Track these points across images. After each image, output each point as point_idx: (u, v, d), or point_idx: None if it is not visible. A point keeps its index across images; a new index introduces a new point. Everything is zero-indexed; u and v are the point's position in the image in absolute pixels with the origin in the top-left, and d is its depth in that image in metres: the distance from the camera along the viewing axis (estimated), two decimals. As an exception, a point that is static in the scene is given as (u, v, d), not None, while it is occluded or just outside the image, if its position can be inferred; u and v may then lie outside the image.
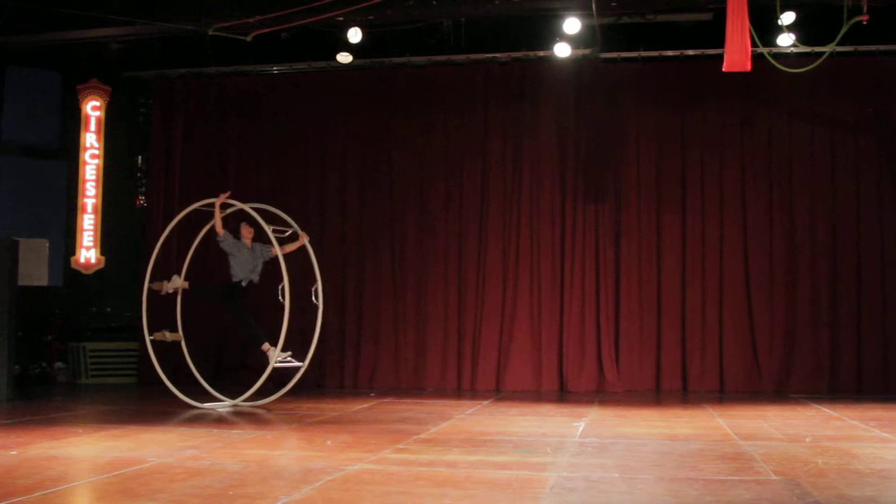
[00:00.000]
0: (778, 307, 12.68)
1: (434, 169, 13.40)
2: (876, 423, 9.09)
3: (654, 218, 12.93)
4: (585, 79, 13.15)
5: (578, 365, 12.75)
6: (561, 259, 12.98)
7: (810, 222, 12.74)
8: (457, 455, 7.04)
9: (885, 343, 12.48)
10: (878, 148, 12.83)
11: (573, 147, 13.10)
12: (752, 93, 12.75)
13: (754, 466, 6.61)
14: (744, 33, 9.38)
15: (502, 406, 10.85)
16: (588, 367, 12.71)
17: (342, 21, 12.01)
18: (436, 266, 13.14)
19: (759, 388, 12.45)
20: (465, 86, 13.42)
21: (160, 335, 11.05)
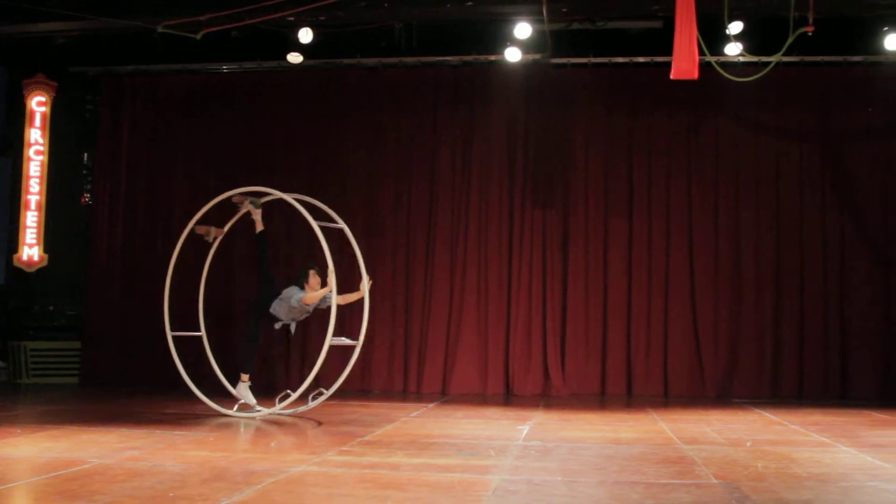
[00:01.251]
0: (722, 313, 12.84)
1: (383, 171, 13.39)
2: (815, 428, 9.23)
3: (602, 223, 13.03)
4: (535, 84, 13.22)
5: (524, 368, 12.81)
6: (508, 262, 13.04)
7: (755, 229, 12.92)
8: (401, 457, 7.03)
9: (825, 349, 12.69)
10: (821, 157, 13.04)
11: (522, 151, 13.16)
12: (700, 100, 12.91)
13: (695, 470, 6.68)
14: (691, 42, 9.47)
15: (448, 409, 10.86)
16: (534, 370, 12.78)
17: (293, 21, 11.96)
18: (383, 268, 13.11)
19: (702, 392, 12.59)
20: (416, 88, 13.43)
21: (204, 229, 10.36)
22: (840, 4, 11.59)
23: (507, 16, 12.19)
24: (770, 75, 11.21)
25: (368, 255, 13.13)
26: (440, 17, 12.42)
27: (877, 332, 12.67)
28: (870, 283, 12.77)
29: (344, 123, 13.47)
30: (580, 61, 13.15)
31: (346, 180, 13.41)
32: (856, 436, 8.68)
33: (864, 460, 7.21)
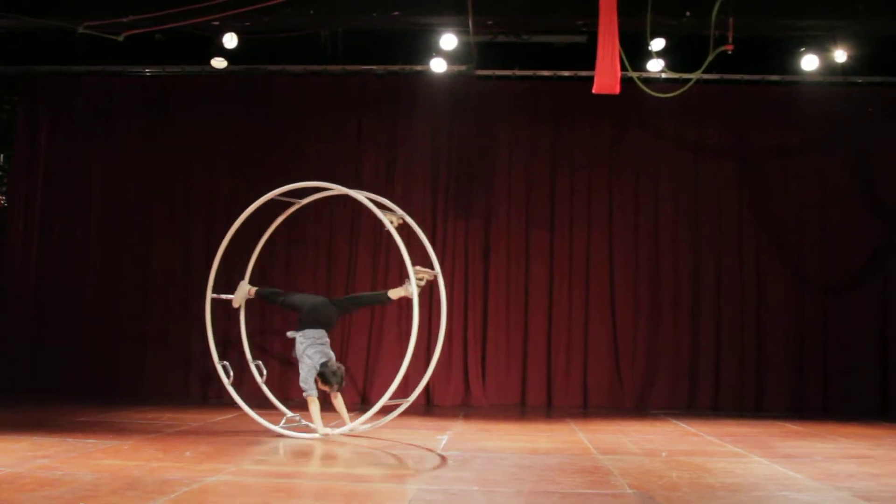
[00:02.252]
0: (641, 325, 13.00)
1: (306, 178, 13.24)
2: (730, 439, 9.38)
3: (523, 234, 13.10)
4: (460, 95, 13.26)
5: (445, 379, 12.82)
6: (431, 272, 13.03)
7: (674, 244, 13.12)
8: (318, 467, 7.00)
9: (741, 362, 12.92)
10: (739, 173, 13.29)
11: (446, 162, 13.19)
12: (622, 115, 13.07)
13: (611, 480, 6.74)
14: (614, 57, 9.60)
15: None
16: (454, 380, 12.79)
17: (218, 25, 11.81)
18: (304, 277, 13.02)
19: (621, 404, 12.72)
20: (341, 97, 13.37)
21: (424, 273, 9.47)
22: (759, 25, 11.81)
23: (434, 27, 12.22)
24: (690, 92, 11.41)
25: (288, 266, 13.11)
26: (366, 26, 12.39)
27: (790, 345, 12.93)
28: (784, 298, 13.04)
29: (268, 130, 13.34)
30: (505, 73, 13.22)
31: (268, 187, 13.24)
32: (769, 446, 8.84)
33: (776, 470, 7.35)
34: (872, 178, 13.30)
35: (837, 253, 13.15)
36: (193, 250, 13.14)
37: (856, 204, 13.22)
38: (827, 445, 9.14)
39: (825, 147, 13.33)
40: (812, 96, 13.20)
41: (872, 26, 11.76)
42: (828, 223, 13.18)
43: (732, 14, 10.80)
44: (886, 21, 11.60)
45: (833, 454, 8.46)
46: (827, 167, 13.28)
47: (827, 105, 13.21)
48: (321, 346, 9.03)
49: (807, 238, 13.21)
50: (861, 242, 13.16)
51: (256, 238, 10.73)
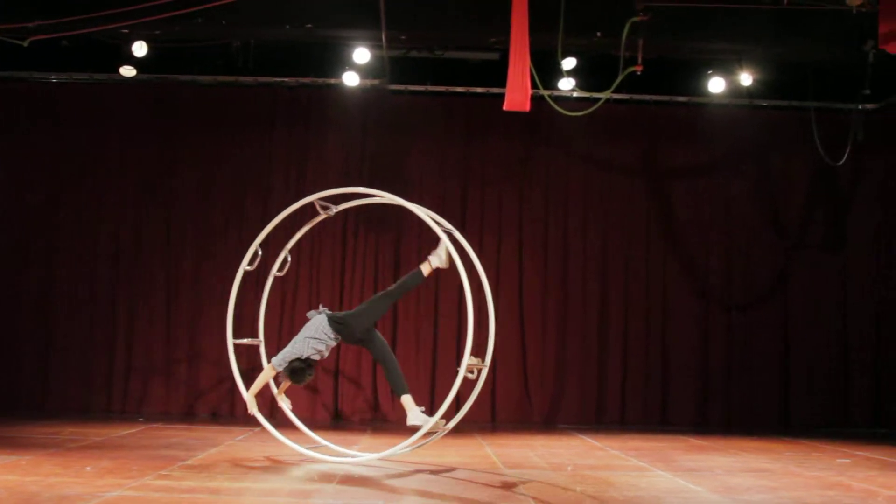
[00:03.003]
0: (549, 340, 13.12)
1: (215, 191, 13.13)
2: (635, 453, 9.51)
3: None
4: (372, 109, 13.25)
5: (353, 392, 12.78)
6: (340, 287, 12.97)
7: (582, 260, 13.28)
8: (221, 482, 6.90)
9: (647, 376, 13.13)
10: (647, 191, 13.51)
11: (357, 176, 13.12)
12: (533, 132, 13.20)
13: (516, 494, 6.78)
14: (525, 75, 9.68)
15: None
16: (363, 394, 12.75)
17: (127, 34, 11.67)
18: (212, 291, 12.83)
19: (529, 418, 12.81)
20: (252, 108, 13.23)
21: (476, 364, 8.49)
22: (667, 47, 12.05)
23: (347, 40, 12.21)
24: (600, 111, 11.58)
25: (197, 277, 12.93)
26: (279, 38, 12.32)
27: (695, 361, 13.19)
28: (689, 315, 13.29)
29: (176, 141, 13.15)
30: (418, 89, 13.25)
31: (175, 199, 13.10)
32: (672, 460, 8.98)
33: (678, 484, 7.47)
34: (776, 199, 13.66)
35: (741, 271, 13.47)
36: (100, 260, 12.90)
37: (759, 224, 13.56)
38: (728, 459, 9.31)
39: (730, 168, 13.65)
40: (718, 118, 13.52)
41: (777, 51, 12.11)
42: (732, 242, 13.50)
43: (642, 36, 11.02)
44: (790, 47, 11.96)
45: (733, 468, 8.63)
46: (732, 187, 13.60)
47: (732, 127, 13.54)
48: (321, 345, 8.41)
49: (712, 256, 13.50)
50: (764, 261, 13.51)
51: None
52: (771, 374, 13.28)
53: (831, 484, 7.57)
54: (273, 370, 8.54)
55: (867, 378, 13.38)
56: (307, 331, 8.42)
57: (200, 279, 12.96)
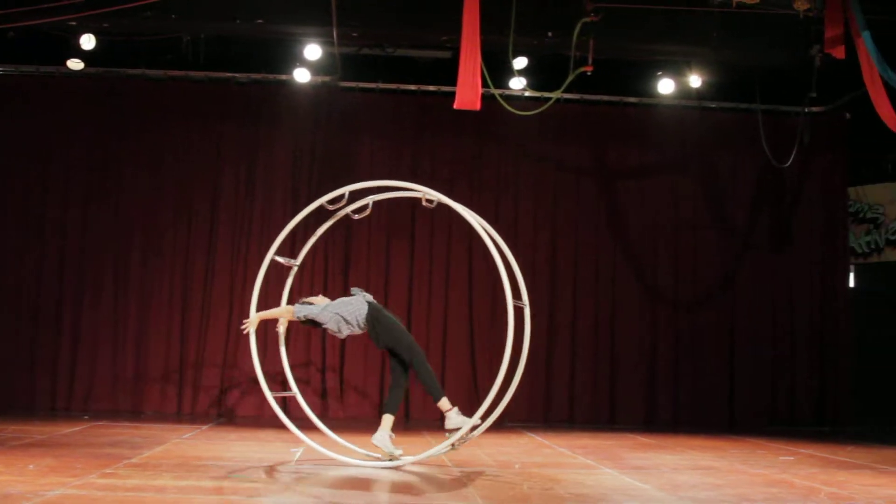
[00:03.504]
0: (498, 339, 13.13)
1: (164, 186, 13.00)
2: (582, 451, 9.56)
3: (384, 247, 13.10)
4: (323, 106, 13.21)
5: (302, 391, 12.67)
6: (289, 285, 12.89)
7: (532, 258, 13.31)
8: (167, 480, 6.83)
9: (596, 375, 13.21)
10: (597, 190, 13.60)
11: (307, 172, 13.10)
12: (484, 131, 13.23)
13: (463, 492, 6.79)
14: (475, 74, 9.70)
15: (222, 431, 10.65)
16: (312, 393, 12.69)
17: (75, 26, 11.53)
18: (161, 287, 12.75)
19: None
20: (202, 104, 13.12)
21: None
22: (618, 48, 12.15)
23: (298, 36, 12.18)
24: (551, 110, 11.66)
25: (144, 274, 12.80)
26: (229, 33, 12.26)
27: (643, 360, 13.30)
28: (637, 314, 13.40)
29: (124, 135, 13.01)
30: (369, 86, 13.23)
31: (122, 195, 12.95)
32: (619, 458, 9.05)
33: (625, 481, 7.52)
34: (723, 199, 13.82)
35: (689, 271, 13.62)
36: (45, 256, 12.73)
37: (707, 224, 13.72)
38: (674, 457, 9.40)
39: (679, 168, 13.79)
40: (667, 119, 13.67)
41: (725, 54, 12.25)
42: (680, 242, 13.64)
43: (593, 36, 11.12)
44: (738, 50, 12.11)
45: (679, 465, 8.71)
46: (680, 187, 13.74)
47: (681, 128, 13.69)
48: (345, 328, 8.28)
49: (661, 255, 13.62)
50: (712, 262, 13.67)
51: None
52: (718, 372, 13.44)
53: (775, 481, 7.67)
54: (290, 315, 8.42)
55: (812, 377, 13.58)
56: (341, 308, 8.26)
57: (149, 275, 12.82)
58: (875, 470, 8.54)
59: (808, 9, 10.83)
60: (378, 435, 8.14)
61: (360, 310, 8.21)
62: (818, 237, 13.89)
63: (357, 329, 8.28)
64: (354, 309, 8.23)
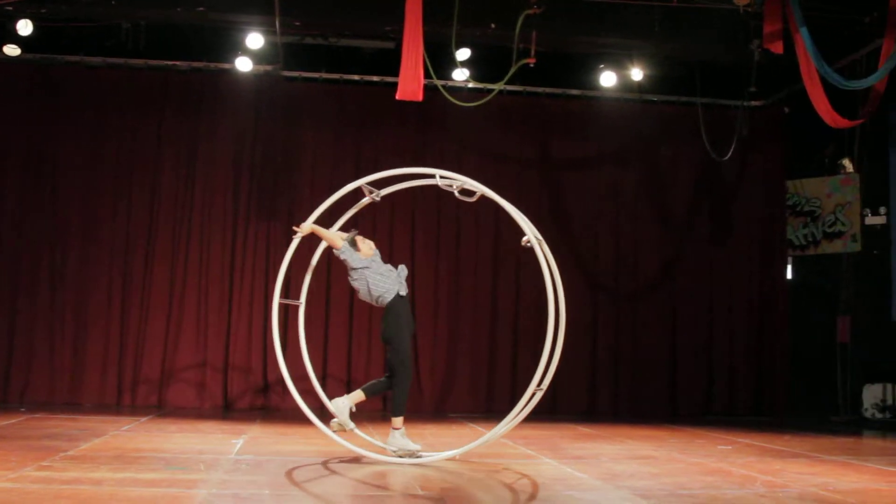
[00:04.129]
0: (441, 331, 13.18)
1: (102, 176, 12.81)
2: (523, 441, 9.61)
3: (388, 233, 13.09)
4: (265, 95, 13.12)
5: (244, 382, 12.65)
6: (230, 275, 12.81)
7: (474, 251, 13.36)
8: (104, 472, 6.76)
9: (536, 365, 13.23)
10: (539, 182, 13.66)
11: (249, 162, 13.01)
12: (427, 122, 13.22)
13: (403, 482, 6.80)
14: (417, 64, 9.71)
15: (162, 423, 10.54)
16: (254, 384, 12.63)
17: (11, 11, 11.34)
18: (99, 278, 12.58)
19: (420, 407, 12.81)
20: (142, 92, 12.96)
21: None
22: (561, 41, 12.22)
23: (240, 25, 12.09)
24: (494, 102, 11.71)
25: (82, 264, 12.61)
26: (170, 20, 12.12)
27: (584, 350, 13.39)
28: (579, 305, 13.43)
29: (62, 123, 12.80)
30: (312, 76, 13.17)
31: (60, 184, 12.75)
32: (559, 448, 9.12)
33: (564, 471, 7.58)
34: (664, 191, 13.96)
35: (631, 262, 13.75)
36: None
37: (648, 216, 13.85)
38: (614, 447, 9.49)
39: (621, 160, 13.91)
40: (610, 112, 13.76)
41: (667, 49, 12.39)
42: (622, 234, 13.75)
43: (536, 28, 11.15)
44: (679, 44, 12.26)
45: (619, 455, 8.80)
46: (621, 179, 13.87)
47: (623, 120, 13.79)
48: (371, 288, 8.09)
49: (602, 247, 13.73)
50: (652, 253, 13.81)
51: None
52: (658, 363, 13.59)
53: (712, 470, 7.77)
54: (335, 245, 8.25)
55: (751, 367, 13.79)
56: (375, 278, 8.11)
57: (87, 264, 12.65)
58: (811, 459, 8.68)
59: (748, 4, 10.97)
60: (340, 400, 8.11)
61: (387, 291, 8.14)
62: (757, 229, 14.09)
63: (373, 303, 8.23)
64: (384, 288, 8.14)
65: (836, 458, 8.78)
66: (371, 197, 8.68)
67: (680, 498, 6.35)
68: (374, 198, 8.71)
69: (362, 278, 8.14)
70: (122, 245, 12.75)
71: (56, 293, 12.57)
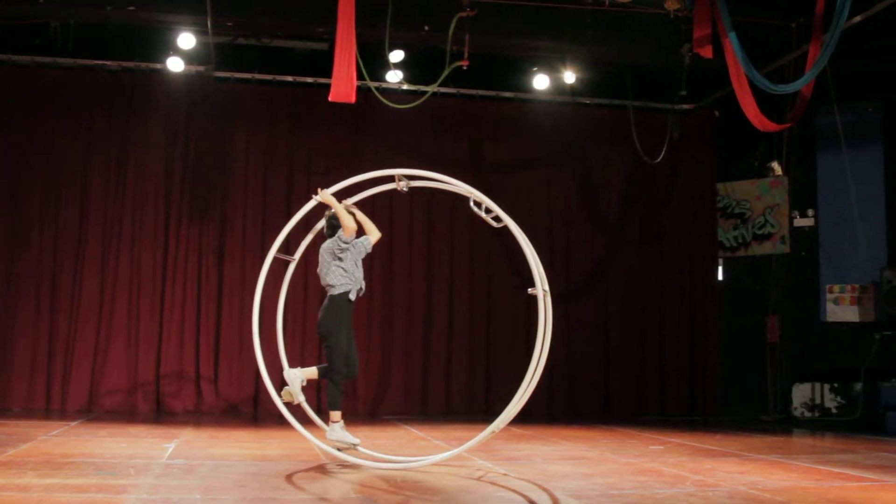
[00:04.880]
0: (374, 333, 13.15)
1: (30, 178, 12.58)
2: (457, 443, 9.56)
3: (259, 239, 12.92)
4: (197, 96, 13.00)
5: (176, 385, 12.50)
6: (162, 277, 12.66)
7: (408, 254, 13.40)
8: (31, 478, 6.64)
9: (471, 367, 13.35)
10: (472, 184, 13.45)
11: (180, 164, 12.87)
12: (361, 124, 13.20)
13: (336, 485, 6.78)
14: (350, 66, 9.70)
15: (92, 427, 10.39)
16: (186, 387, 12.50)
17: (-65, 9, 11.13)
18: (27, 281, 12.35)
19: (354, 410, 12.75)
20: (71, 92, 12.75)
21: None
22: (494, 43, 12.28)
23: (171, 25, 11.97)
24: (427, 104, 11.74)
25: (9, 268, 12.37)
26: (100, 20, 11.96)
27: (517, 351, 13.43)
28: (512, 307, 13.54)
29: (-12, 124, 12.58)
30: (245, 77, 13.09)
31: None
32: (493, 450, 9.13)
33: (497, 472, 7.60)
34: (596, 194, 14.09)
35: (562, 263, 13.84)
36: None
37: (580, 218, 13.98)
38: (548, 448, 9.55)
39: (553, 163, 14.00)
40: (542, 114, 13.87)
41: (599, 52, 12.52)
42: (555, 235, 13.84)
43: (469, 31, 11.19)
44: (612, 47, 12.39)
45: (552, 456, 8.86)
46: (554, 181, 13.97)
47: (556, 123, 13.89)
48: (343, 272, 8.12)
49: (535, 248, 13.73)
50: (585, 254, 13.93)
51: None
52: (592, 363, 13.71)
53: (644, 470, 7.86)
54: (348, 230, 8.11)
55: (682, 367, 13.96)
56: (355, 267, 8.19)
57: (15, 269, 12.41)
58: (741, 458, 8.82)
59: (678, 9, 11.13)
60: (294, 371, 8.24)
61: (342, 285, 8.12)
62: (688, 231, 14.28)
63: (323, 280, 8.23)
64: (342, 279, 8.13)
65: (766, 456, 8.93)
66: (400, 186, 8.49)
67: (612, 498, 6.41)
68: (403, 188, 8.52)
69: (347, 257, 8.12)
70: (50, 248, 12.52)
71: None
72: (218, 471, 7.34)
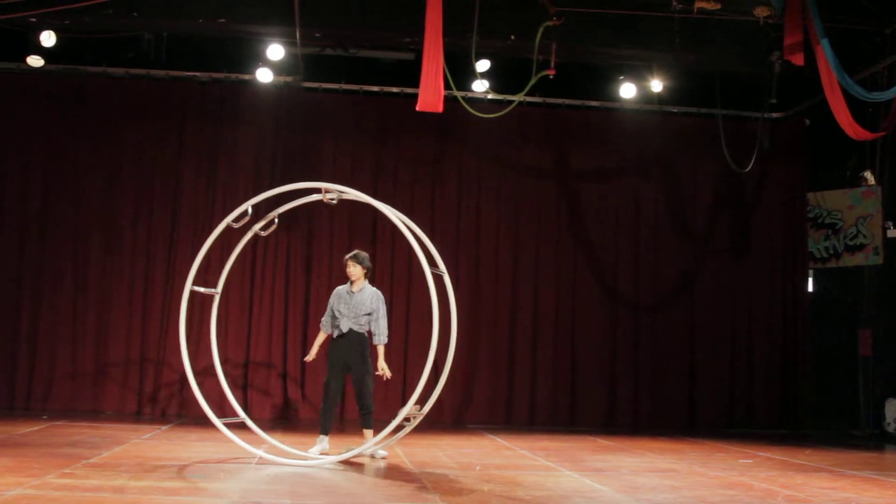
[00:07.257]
0: (460, 341, 13.08)
1: (124, 185, 12.88)
2: (543, 453, 9.59)
3: (346, 248, 13.00)
4: (285, 106, 13.17)
5: (264, 391, 12.66)
6: (251, 285, 12.84)
7: (494, 262, 13.36)
8: (125, 480, 6.78)
9: (556, 378, 13.26)
10: (558, 193, 13.65)
11: (269, 173, 13.03)
12: (446, 133, 13.26)
13: (423, 493, 6.79)
14: (438, 76, 9.74)
15: (182, 431, 10.58)
16: (274, 393, 12.65)
17: (35, 23, 11.45)
18: (121, 287, 12.63)
19: (439, 418, 12.78)
20: (163, 102, 13.04)
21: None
22: (580, 52, 12.23)
23: (261, 36, 12.15)
24: (513, 113, 11.73)
25: (104, 273, 12.67)
26: (192, 32, 12.22)
27: (603, 362, 13.37)
28: (598, 317, 13.46)
29: (85, 133, 12.88)
30: (332, 87, 13.23)
31: (82, 193, 12.82)
32: (579, 460, 9.08)
33: (584, 483, 7.56)
34: (683, 204, 13.92)
35: (649, 274, 13.71)
36: (3, 254, 12.56)
37: (667, 228, 13.82)
38: (634, 459, 9.46)
39: (640, 172, 13.89)
40: (629, 123, 13.76)
41: (687, 60, 12.39)
42: (641, 245, 13.72)
43: (555, 40, 11.18)
44: (699, 55, 12.25)
45: (639, 468, 8.77)
46: (641, 191, 13.85)
47: (643, 132, 13.78)
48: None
49: (620, 258, 13.70)
50: (672, 265, 13.77)
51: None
52: (678, 375, 13.54)
53: (733, 483, 7.74)
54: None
55: (772, 380, 13.71)
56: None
57: (108, 274, 12.71)
58: (833, 473, 8.64)
59: (769, 16, 10.96)
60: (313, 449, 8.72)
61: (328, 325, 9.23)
62: (777, 242, 14.04)
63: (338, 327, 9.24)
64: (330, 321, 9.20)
65: (859, 472, 8.73)
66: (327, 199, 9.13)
67: (701, 510, 6.34)
68: (331, 200, 9.16)
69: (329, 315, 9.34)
70: (143, 254, 12.81)
71: (78, 302, 12.64)
72: (305, 476, 7.42)
